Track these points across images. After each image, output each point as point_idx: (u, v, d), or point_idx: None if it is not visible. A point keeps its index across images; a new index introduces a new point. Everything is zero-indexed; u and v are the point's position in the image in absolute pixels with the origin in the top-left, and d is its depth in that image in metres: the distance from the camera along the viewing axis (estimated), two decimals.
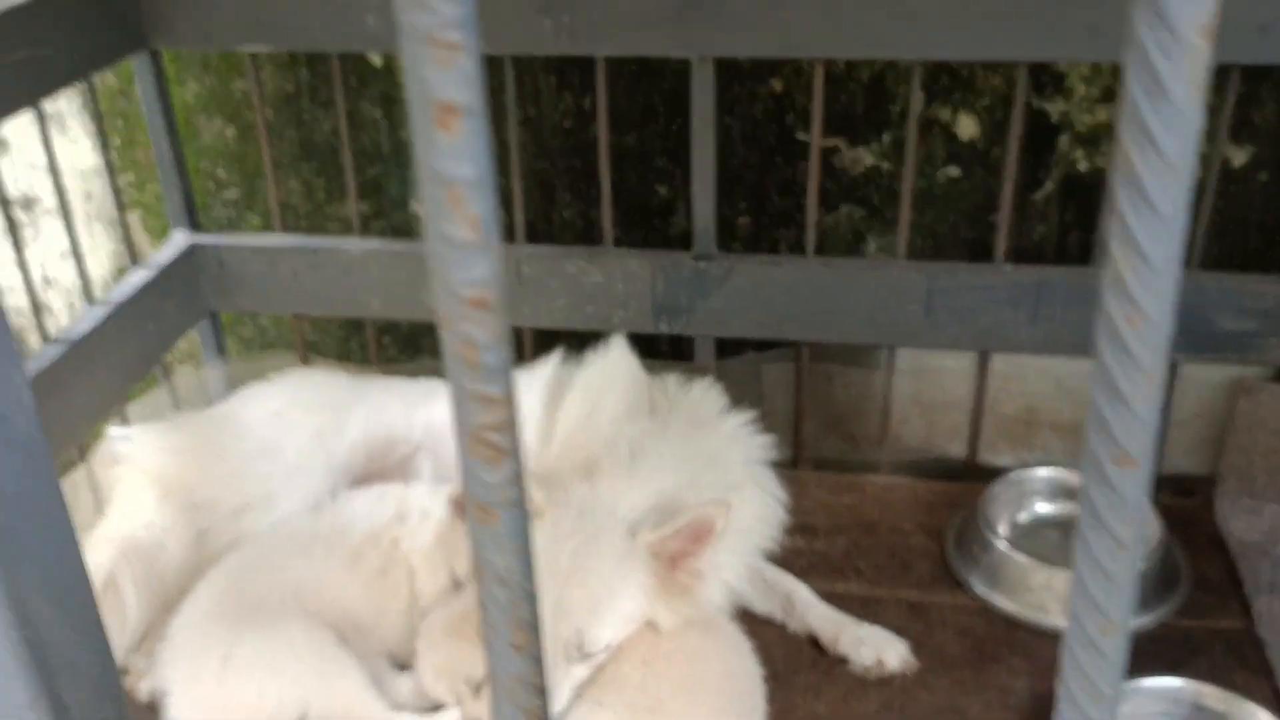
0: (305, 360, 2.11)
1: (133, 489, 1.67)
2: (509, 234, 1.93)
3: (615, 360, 1.61)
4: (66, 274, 2.43)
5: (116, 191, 1.88)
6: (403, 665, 1.54)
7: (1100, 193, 1.97)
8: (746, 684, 1.40)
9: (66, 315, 2.59)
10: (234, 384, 1.95)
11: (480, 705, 1.44)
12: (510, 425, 0.27)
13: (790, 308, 1.79)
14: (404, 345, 2.34)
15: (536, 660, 0.30)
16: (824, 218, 2.14)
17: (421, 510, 1.61)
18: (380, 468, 1.74)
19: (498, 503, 0.27)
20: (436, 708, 1.48)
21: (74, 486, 1.75)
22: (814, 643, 1.59)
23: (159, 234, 2.38)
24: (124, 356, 1.76)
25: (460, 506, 1.58)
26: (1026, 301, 1.70)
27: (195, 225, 1.97)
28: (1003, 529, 1.70)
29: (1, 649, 0.29)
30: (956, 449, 1.92)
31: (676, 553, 1.39)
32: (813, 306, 1.78)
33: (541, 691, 0.30)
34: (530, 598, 0.29)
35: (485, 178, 0.23)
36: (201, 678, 1.45)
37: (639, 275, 1.82)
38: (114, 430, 1.73)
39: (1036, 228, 2.04)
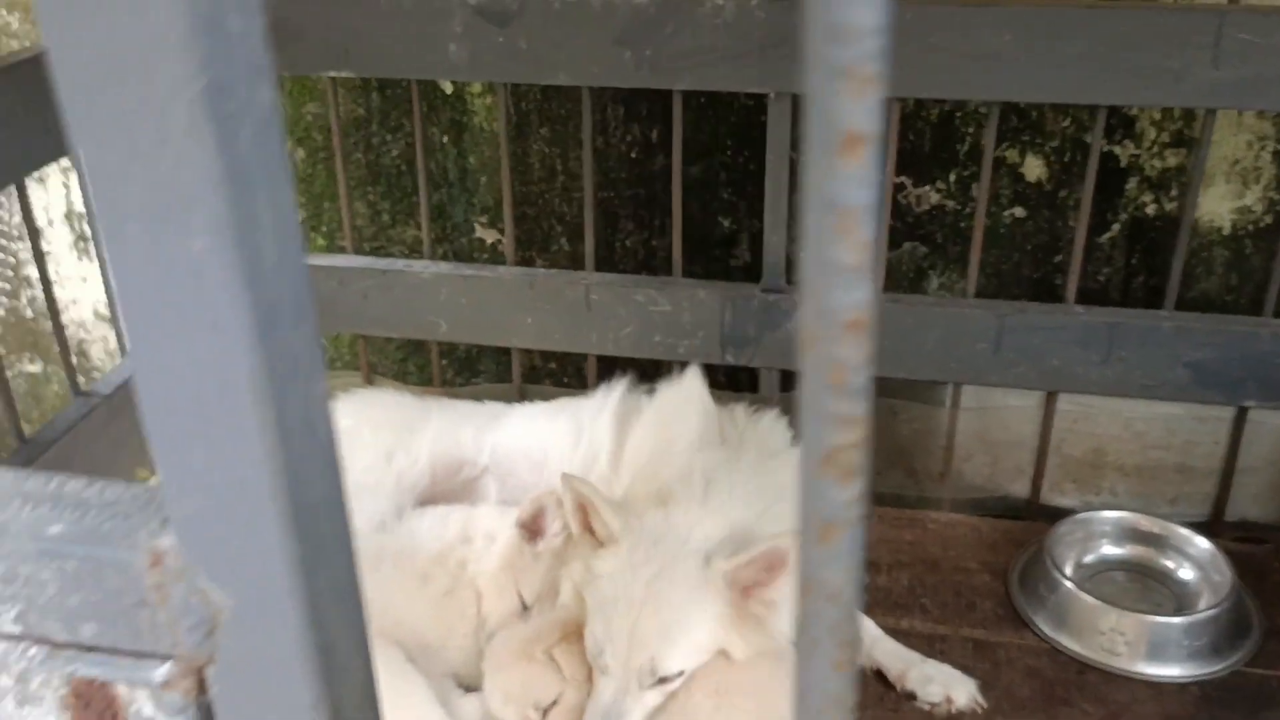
0: (369, 380, 2.12)
1: None
2: (579, 261, 1.95)
3: (688, 389, 1.61)
4: None
5: None
6: (468, 687, 1.55)
7: (1168, 237, 1.97)
8: None
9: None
10: None
11: None
12: (864, 445, 0.27)
13: None
14: (461, 367, 2.36)
15: (851, 681, 0.30)
16: (889, 253, 2.15)
17: (488, 533, 1.62)
18: (446, 489, 1.75)
19: (842, 521, 0.28)
20: None
21: None
22: (880, 678, 1.58)
23: None
24: None
25: (528, 530, 1.59)
26: (1098, 343, 1.70)
27: None
28: (1069, 570, 1.69)
29: (296, 651, 0.30)
30: (1019, 488, 1.91)
31: (750, 582, 1.39)
32: (881, 341, 1.78)
33: (852, 713, 0.31)
34: (854, 617, 0.30)
35: (875, 204, 0.24)
36: None
37: (708, 306, 1.83)
38: None
39: (1102, 270, 2.04)
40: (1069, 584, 1.63)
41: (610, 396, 1.71)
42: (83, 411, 1.52)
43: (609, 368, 1.84)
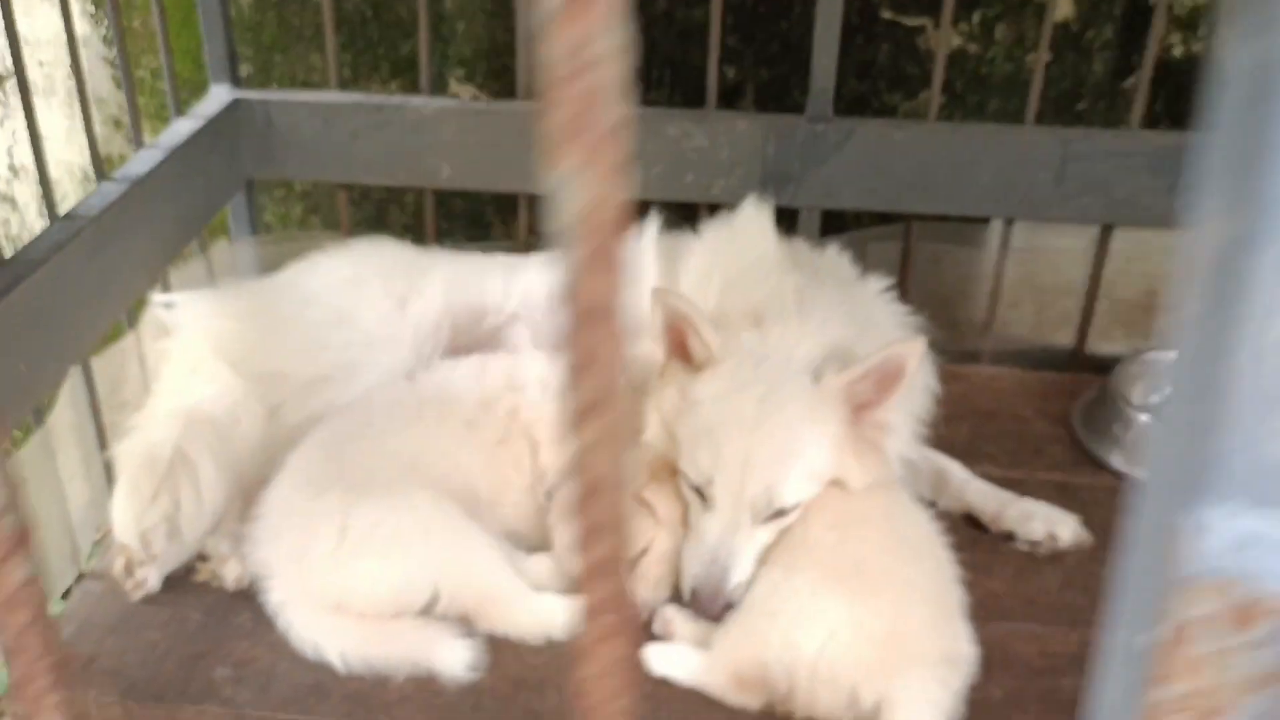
0: (350, 236, 1.88)
1: (191, 361, 1.44)
2: None
3: (755, 216, 1.46)
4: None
5: (126, 63, 1.64)
6: (525, 549, 1.36)
7: (1194, 81, 1.91)
8: (944, 550, 1.27)
9: (34, 207, 2.30)
10: (267, 265, 1.73)
11: (634, 581, 1.27)
12: None
13: (910, 176, 1.66)
14: (460, 223, 2.13)
15: None
16: (903, 103, 2.03)
17: (540, 378, 1.43)
18: (469, 339, 1.56)
19: None
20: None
21: (122, 356, 1.51)
22: (970, 522, 1.47)
23: (156, 115, 2.12)
24: (179, 205, 1.53)
25: None
26: (1167, 169, 1.61)
27: (237, 79, 1.74)
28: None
29: None
30: (1064, 338, 1.83)
31: (864, 399, 1.25)
32: (934, 175, 1.66)
33: None
34: None
35: None
36: (312, 555, 1.24)
37: (748, 139, 1.67)
38: (159, 297, 1.50)
39: (1125, 116, 1.97)
40: (1145, 417, 1.54)
41: (645, 234, 1.53)
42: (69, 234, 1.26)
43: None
